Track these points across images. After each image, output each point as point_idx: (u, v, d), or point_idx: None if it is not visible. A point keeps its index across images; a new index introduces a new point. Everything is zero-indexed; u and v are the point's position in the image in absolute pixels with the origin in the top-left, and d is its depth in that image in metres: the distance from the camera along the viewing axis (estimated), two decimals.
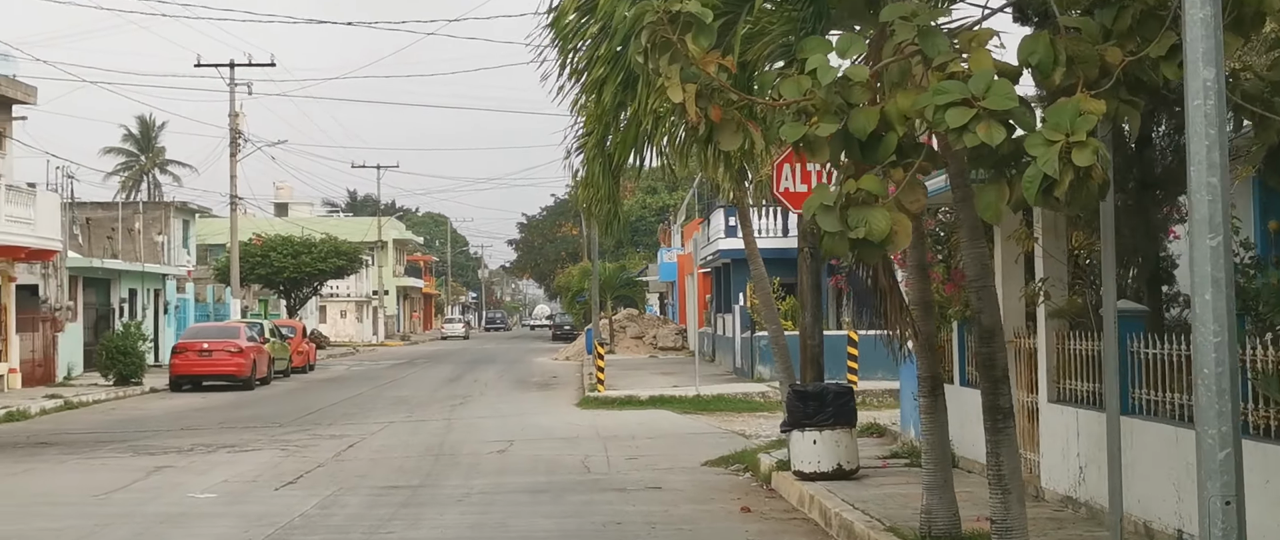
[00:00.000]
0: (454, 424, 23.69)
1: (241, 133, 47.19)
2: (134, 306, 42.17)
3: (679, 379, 33.30)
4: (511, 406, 27.68)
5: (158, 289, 44.70)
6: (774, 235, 33.85)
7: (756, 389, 28.31)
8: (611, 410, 26.20)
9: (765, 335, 30.03)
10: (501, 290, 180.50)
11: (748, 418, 24.84)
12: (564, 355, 51.79)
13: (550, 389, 33.73)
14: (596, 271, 42.47)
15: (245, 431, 22.44)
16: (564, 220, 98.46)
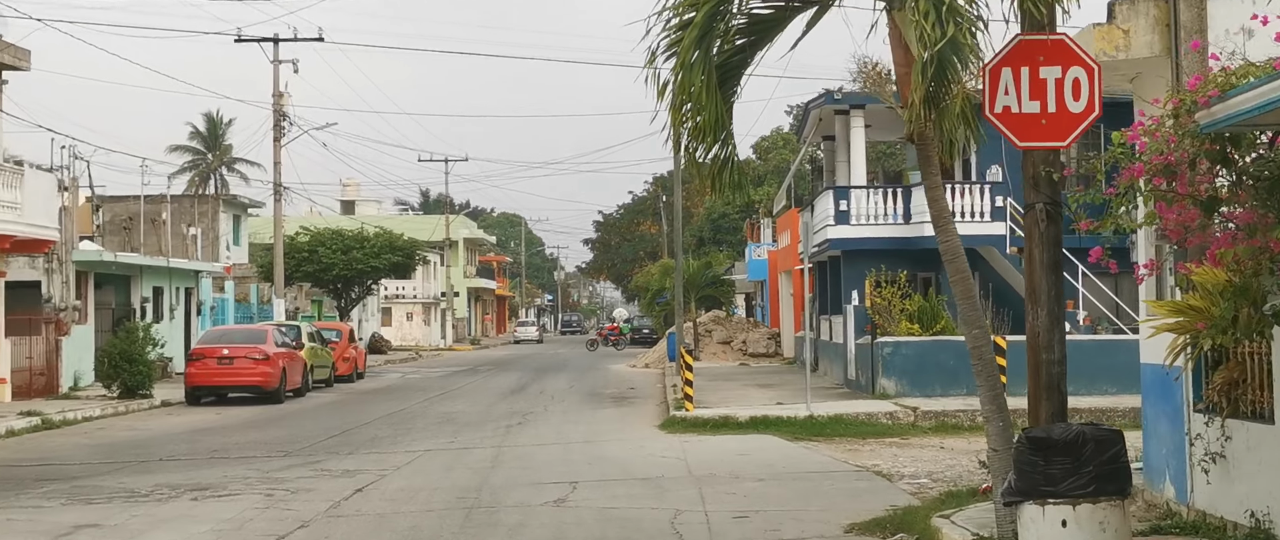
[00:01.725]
0: (504, 454, 18.58)
1: (286, 114, 42.56)
2: (159, 307, 37.58)
3: (780, 393, 27.98)
4: (580, 429, 22.53)
5: (189, 288, 40.10)
6: (890, 221, 28.46)
7: (881, 408, 22.92)
8: (703, 434, 20.96)
9: (891, 342, 24.64)
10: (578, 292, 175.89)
11: (876, 446, 19.54)
12: (643, 362, 46.62)
13: (627, 403, 28.53)
14: (681, 266, 37.19)
15: (236, 464, 17.47)
16: (643, 218, 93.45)
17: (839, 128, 31.54)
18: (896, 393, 24.70)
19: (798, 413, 22.21)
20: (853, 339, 27.38)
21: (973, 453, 18.68)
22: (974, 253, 28.23)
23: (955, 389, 24.78)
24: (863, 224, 28.40)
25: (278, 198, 43.04)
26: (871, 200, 28.43)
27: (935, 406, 22.86)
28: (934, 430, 21.67)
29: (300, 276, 48.62)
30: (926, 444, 20.03)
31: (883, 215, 28.50)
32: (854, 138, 29.21)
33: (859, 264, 28.68)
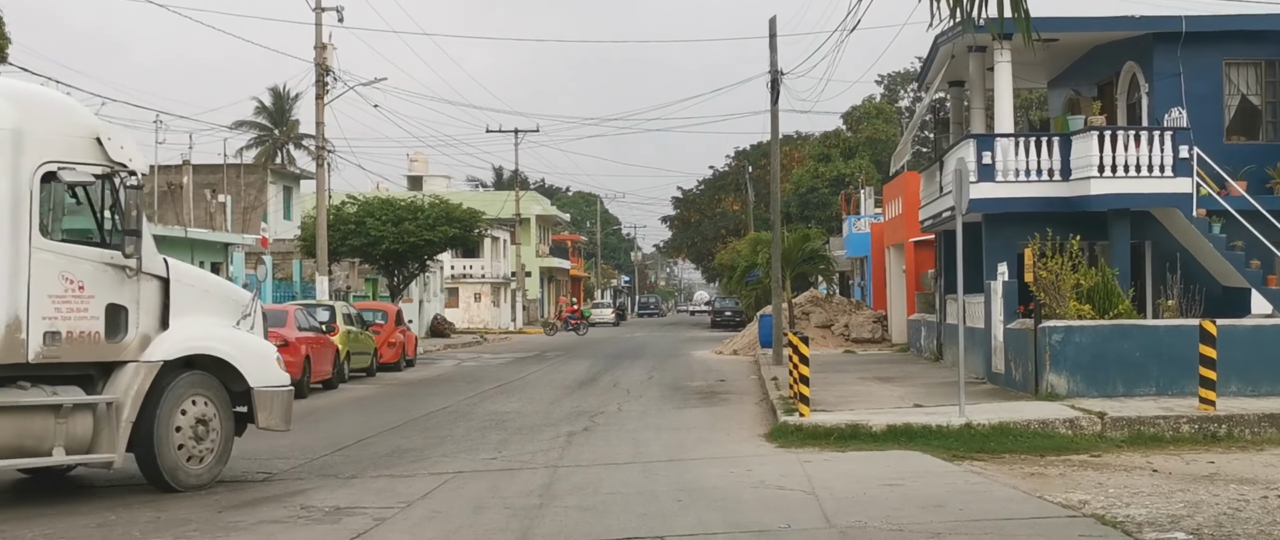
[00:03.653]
0: (560, 480, 13.50)
1: (330, 69, 37.80)
2: None
3: (908, 389, 22.68)
4: (662, 438, 17.38)
5: (217, 261, 35.45)
6: (1043, 177, 23.00)
7: (1054, 412, 17.57)
8: (828, 450, 15.74)
9: (1061, 327, 19.24)
10: (655, 274, 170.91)
11: (1065, 469, 14.31)
12: (731, 348, 41.41)
13: (718, 401, 23.35)
14: (778, 237, 31.97)
15: (166, 502, 12.56)
16: (724, 194, 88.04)
17: (973, 67, 26.09)
18: (1069, 392, 19.30)
19: (947, 420, 16.91)
20: (1001, 322, 21.98)
21: (1204, 479, 13.45)
22: (1148, 216, 22.71)
23: (1141, 387, 19.38)
24: (1011, 181, 22.95)
25: (320, 162, 38.32)
26: (1021, 152, 22.97)
27: (1124, 410, 17.51)
28: (1130, 444, 16.37)
29: (347, 251, 43.79)
30: (1130, 465, 14.73)
31: (1035, 170, 23.03)
32: (999, 75, 23.72)
33: (1006, 230, 23.26)
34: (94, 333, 12.22)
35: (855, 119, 76.98)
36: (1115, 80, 25.46)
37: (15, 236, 11.70)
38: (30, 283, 11.76)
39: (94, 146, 12.37)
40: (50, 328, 11.92)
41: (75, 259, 12.16)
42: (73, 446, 12.10)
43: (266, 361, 13.73)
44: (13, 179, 11.73)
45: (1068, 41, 25.12)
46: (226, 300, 13.92)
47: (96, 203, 12.64)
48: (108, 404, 12.29)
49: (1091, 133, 22.38)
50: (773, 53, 31.14)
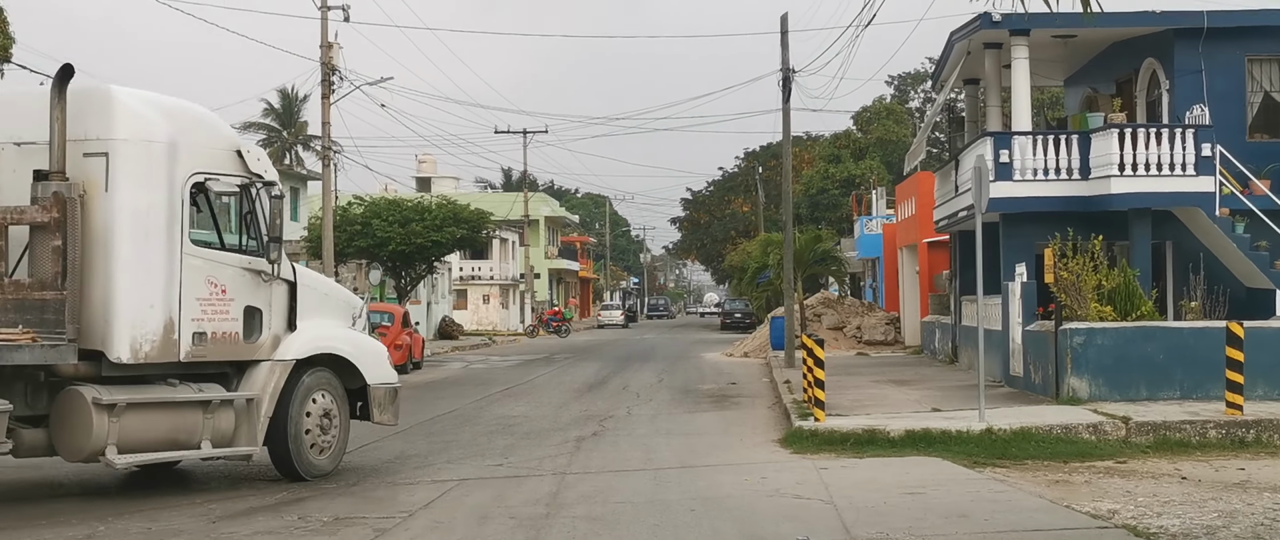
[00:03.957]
0: (569, 488, 13.02)
1: (336, 68, 37.35)
2: None
3: (924, 393, 22.18)
4: (674, 444, 16.91)
5: None
6: (1062, 176, 22.49)
7: (1076, 417, 17.07)
8: (845, 456, 15.25)
9: (1082, 329, 18.76)
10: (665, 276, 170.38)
11: (1091, 477, 13.85)
12: (742, 350, 40.91)
13: (730, 405, 22.86)
14: (790, 238, 31.48)
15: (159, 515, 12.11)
16: (734, 195, 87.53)
17: (989, 65, 25.58)
18: (1090, 395, 18.80)
19: (967, 425, 16.41)
20: (1020, 324, 21.47)
21: (1236, 487, 12.98)
22: (1169, 216, 22.18)
23: (1165, 391, 18.89)
24: (1028, 180, 22.41)
25: (326, 162, 37.89)
26: (1040, 150, 22.45)
27: (1148, 415, 17.01)
28: (1157, 450, 15.88)
29: (353, 252, 43.31)
30: (1158, 472, 14.26)
31: (1053, 169, 22.50)
32: (1016, 72, 23.19)
33: (1024, 230, 22.74)
34: (234, 333, 13.02)
35: (866, 120, 76.43)
36: (1134, 77, 24.93)
37: (170, 243, 12.48)
38: (181, 286, 12.55)
39: (235, 159, 13.17)
40: (197, 328, 12.68)
41: (219, 264, 12.98)
42: (217, 440, 12.84)
43: (381, 361, 14.67)
44: (168, 189, 12.48)
45: (1086, 38, 24.60)
46: (341, 303, 14.80)
47: (236, 211, 13.45)
48: (247, 400, 13.09)
49: (1111, 130, 21.87)
50: (784, 50, 30.66)
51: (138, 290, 12.27)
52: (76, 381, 12.15)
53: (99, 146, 12.29)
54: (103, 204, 12.22)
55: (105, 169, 12.23)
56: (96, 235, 12.21)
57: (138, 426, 12.20)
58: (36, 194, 12.12)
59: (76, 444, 12.05)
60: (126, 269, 12.23)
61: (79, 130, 12.27)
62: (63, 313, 11.88)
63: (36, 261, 12.15)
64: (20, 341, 11.67)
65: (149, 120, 12.52)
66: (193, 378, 12.86)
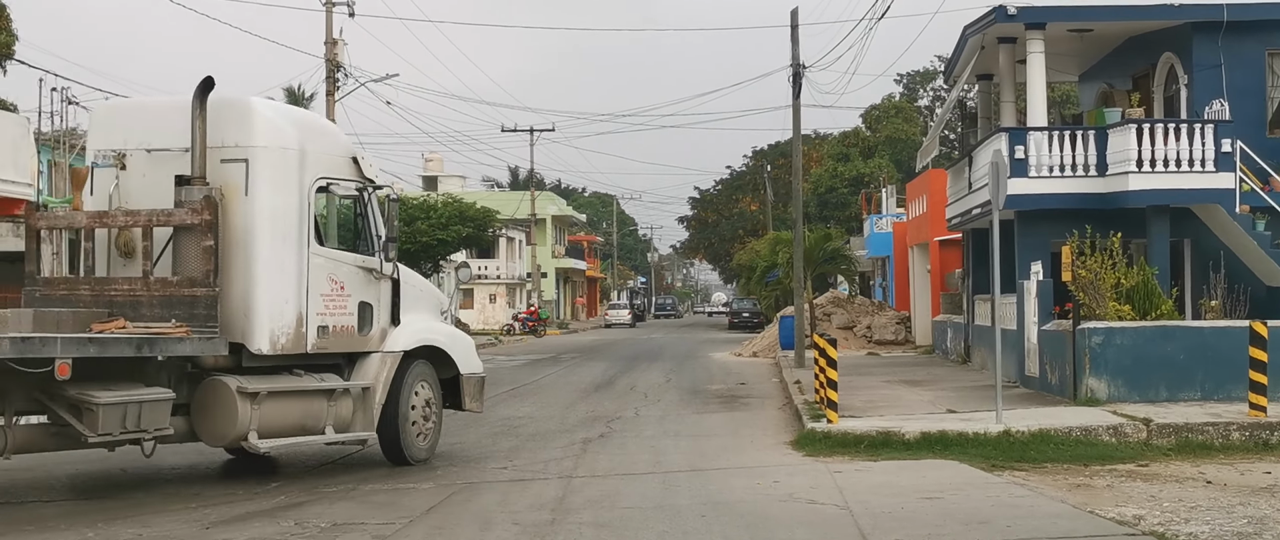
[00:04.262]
0: (575, 492, 12.62)
1: (340, 65, 37.02)
2: None
3: (938, 394, 21.75)
4: (682, 446, 16.49)
5: None
6: (1078, 173, 22.07)
7: (1096, 419, 16.64)
8: (859, 459, 14.85)
9: (1101, 329, 18.34)
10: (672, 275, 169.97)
11: (1112, 480, 13.48)
12: (751, 350, 40.49)
13: (739, 406, 22.45)
14: (800, 235, 31.05)
15: (151, 521, 11.72)
16: (742, 194, 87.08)
17: (1003, 60, 25.12)
18: (1109, 396, 18.37)
19: (984, 427, 16.00)
20: (1035, 324, 21.03)
21: (1264, 491, 12.61)
22: (1188, 213, 21.74)
23: (1186, 392, 18.47)
24: (1044, 176, 21.98)
25: None
26: (1056, 146, 22.00)
27: (1169, 417, 16.59)
28: (1179, 452, 15.47)
29: None
30: (1182, 475, 13.85)
31: (1070, 166, 22.06)
32: (1032, 67, 22.73)
33: (1040, 227, 22.31)
34: (350, 327, 13.95)
35: (874, 118, 75.97)
36: (1152, 72, 24.48)
37: (300, 243, 13.39)
38: (308, 283, 13.44)
39: (351, 165, 14.17)
40: (321, 322, 13.59)
41: (339, 263, 13.90)
42: (338, 426, 13.77)
43: (471, 352, 15.70)
44: (298, 193, 13.39)
45: (1102, 32, 24.16)
46: (433, 299, 15.72)
47: (352, 213, 14.34)
48: (363, 389, 14.01)
49: (1129, 126, 21.43)
50: (794, 45, 30.26)
51: (275, 287, 13.17)
52: (215, 372, 12.97)
53: (238, 153, 13.13)
54: (242, 207, 13.06)
55: (245, 174, 13.09)
56: (236, 236, 13.02)
57: (274, 413, 13.08)
58: (181, 197, 12.97)
59: (221, 430, 12.86)
60: (266, 267, 13.11)
61: (217, 138, 13.09)
62: (214, 308, 12.74)
63: (181, 260, 13.02)
64: (178, 335, 12.48)
65: (282, 129, 13.45)
66: (313, 368, 13.69)
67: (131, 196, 13.37)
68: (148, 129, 13.54)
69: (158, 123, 13.49)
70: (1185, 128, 21.28)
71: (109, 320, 12.78)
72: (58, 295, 13.35)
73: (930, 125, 72.96)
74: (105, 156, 13.62)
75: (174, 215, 12.94)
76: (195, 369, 13.03)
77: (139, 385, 12.32)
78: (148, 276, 13.00)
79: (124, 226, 13.24)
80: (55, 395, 11.85)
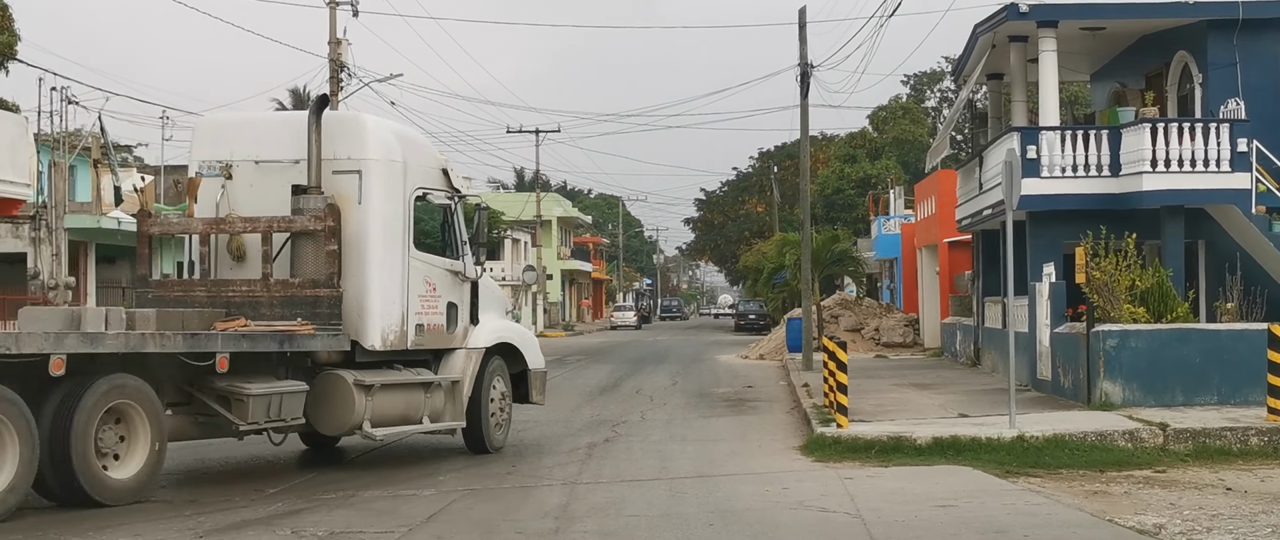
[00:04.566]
0: (579, 500, 12.30)
1: (344, 66, 36.72)
2: None
3: (948, 397, 21.44)
4: (689, 451, 16.17)
5: None
6: (1091, 173, 21.76)
7: (1111, 423, 16.31)
8: (870, 465, 14.52)
9: (1115, 331, 18.02)
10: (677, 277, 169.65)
11: (1130, 487, 13.19)
12: (757, 352, 40.17)
13: (747, 409, 22.14)
14: (808, 237, 30.74)
15: (143, 530, 11.41)
16: (748, 195, 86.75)
17: (1014, 59, 24.81)
18: (1124, 401, 18.03)
19: (997, 431, 15.67)
20: (1047, 326, 20.70)
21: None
22: (1202, 213, 21.41)
23: (1202, 396, 18.13)
24: (1057, 177, 21.66)
25: None
26: (1068, 146, 21.68)
27: (1185, 421, 16.25)
28: (1197, 458, 15.14)
29: None
30: (1200, 482, 13.53)
31: (1082, 166, 21.74)
32: (1044, 65, 22.41)
33: (1051, 229, 21.98)
34: (440, 326, 15.03)
35: (881, 119, 75.59)
36: (1165, 71, 24.13)
37: (404, 248, 14.46)
38: (409, 285, 14.51)
39: (442, 176, 15.34)
40: (418, 321, 14.69)
41: (432, 266, 14.94)
42: (432, 417, 14.80)
43: (536, 349, 16.93)
44: (402, 202, 14.46)
45: (1114, 30, 23.83)
46: (500, 300, 16.92)
47: (441, 221, 15.32)
48: (452, 382, 15.07)
49: (1143, 125, 21.10)
50: (802, 45, 29.93)
51: (385, 288, 14.27)
52: (330, 366, 13.99)
53: (351, 165, 14.19)
54: (356, 215, 14.09)
55: (358, 185, 14.15)
56: (350, 241, 14.06)
57: (384, 405, 14.11)
58: (301, 205, 14.00)
59: (340, 419, 13.90)
60: (378, 270, 14.20)
61: (330, 151, 14.14)
62: (337, 307, 13.88)
63: (300, 263, 14.11)
64: (307, 332, 13.49)
65: (390, 143, 14.48)
66: (408, 364, 14.78)
67: (238, 204, 14.27)
68: (255, 142, 14.57)
69: (265, 136, 14.63)
70: (1200, 127, 20.94)
71: (229, 319, 13.52)
72: (172, 296, 14.26)
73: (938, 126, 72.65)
74: (211, 167, 14.51)
75: (295, 221, 13.96)
76: (312, 364, 13.97)
77: (272, 378, 13.35)
78: (267, 278, 13.98)
79: (242, 232, 14.15)
80: (205, 387, 12.87)
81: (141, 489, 12.03)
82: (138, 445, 12.07)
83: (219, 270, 14.36)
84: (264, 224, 14.01)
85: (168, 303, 13.94)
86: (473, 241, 15.70)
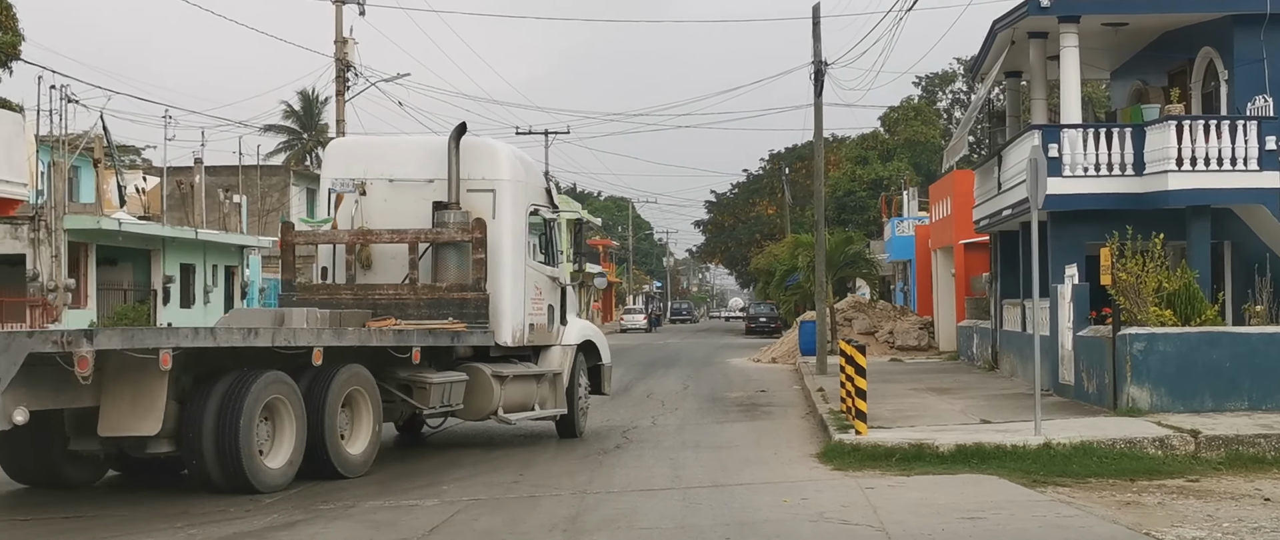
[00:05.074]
0: (589, 510, 11.76)
1: (351, 65, 36.23)
2: (189, 288, 31.40)
3: (968, 401, 20.89)
4: (702, 459, 15.61)
5: (231, 266, 33.88)
6: (1114, 172, 21.21)
7: (1140, 430, 15.74)
8: (891, 473, 13.97)
9: (1143, 335, 17.45)
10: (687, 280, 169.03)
11: (1162, 497, 12.66)
12: (769, 356, 39.60)
13: (761, 415, 21.59)
14: (821, 238, 30.20)
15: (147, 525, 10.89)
16: (758, 197, 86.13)
17: (1034, 55, 24.24)
18: (1152, 406, 17.45)
19: (1022, 439, 15.10)
20: (1070, 329, 20.13)
21: None
22: (1229, 213, 20.84)
23: (1232, 402, 17.54)
24: (1079, 176, 21.11)
25: None
26: (1090, 144, 21.11)
27: (1217, 428, 15.68)
28: (1230, 466, 14.57)
29: None
30: (1236, 492, 12.97)
31: (1105, 165, 21.17)
32: (1066, 61, 21.84)
33: (1073, 229, 21.42)
34: (544, 325, 17.03)
35: (893, 121, 74.98)
36: (1189, 68, 23.53)
37: (524, 257, 16.50)
38: (525, 289, 16.48)
39: (546, 194, 17.53)
40: (531, 321, 16.65)
41: (539, 273, 16.97)
42: (541, 405, 16.78)
43: (606, 346, 18.87)
44: (523, 217, 16.54)
45: (1138, 26, 23.24)
46: (575, 303, 18.85)
47: (542, 234, 17.19)
48: (555, 374, 17.06)
49: (1168, 123, 20.53)
50: (816, 42, 29.38)
51: (514, 292, 16.22)
52: (467, 361, 15.80)
53: (485, 185, 16.14)
54: (491, 228, 15.94)
55: (492, 202, 16.07)
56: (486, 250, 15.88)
57: (512, 394, 16.13)
58: (443, 219, 15.83)
59: (480, 406, 15.86)
60: (509, 276, 16.13)
61: (465, 172, 16.04)
62: (484, 308, 15.83)
63: (442, 269, 15.95)
64: (462, 329, 15.40)
65: (516, 166, 16.63)
66: (521, 358, 16.65)
67: (370, 218, 16.04)
68: (389, 163, 16.41)
69: (399, 158, 16.53)
70: (1227, 124, 20.37)
71: (378, 319, 15.18)
72: (317, 299, 15.68)
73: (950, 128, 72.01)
74: (344, 184, 16.27)
75: (441, 232, 15.76)
76: (453, 358, 15.65)
77: (431, 370, 14.99)
78: (414, 283, 15.77)
79: (389, 242, 15.87)
80: (391, 376, 14.57)
81: (367, 464, 13.80)
82: (363, 425, 13.87)
83: (338, 276, 16.12)
84: (412, 235, 15.74)
85: (313, 305, 15.24)
86: (574, 252, 18.68)
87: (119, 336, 11.04)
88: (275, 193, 48.91)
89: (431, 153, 16.23)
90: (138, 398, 11.48)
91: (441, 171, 16.04)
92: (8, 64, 33.18)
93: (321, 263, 16.49)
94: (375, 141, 18.15)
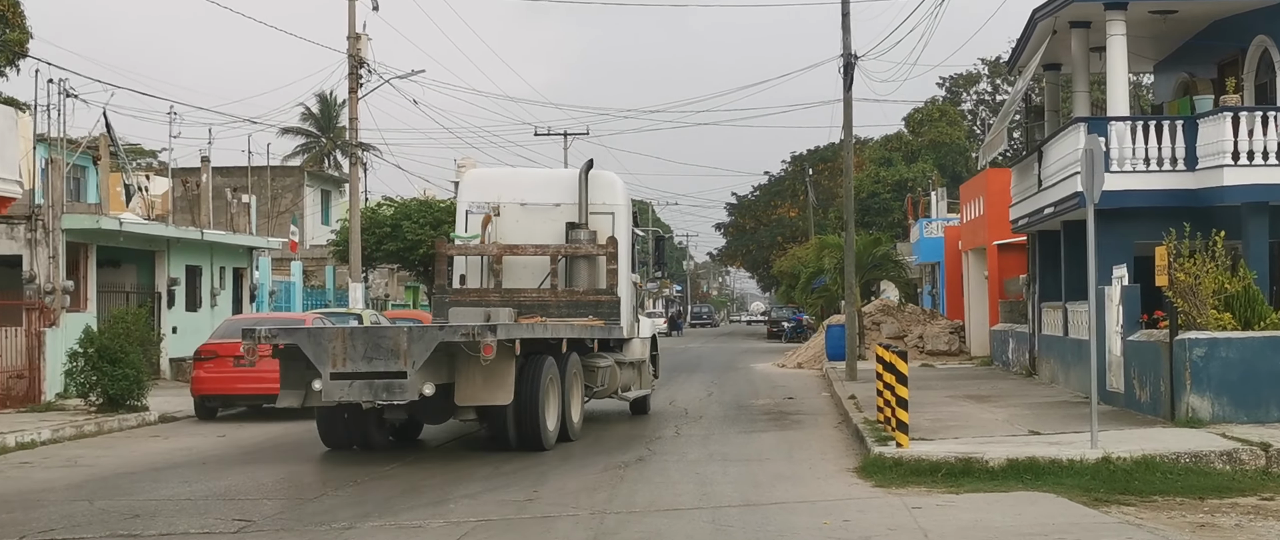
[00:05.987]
0: (608, 537, 10.62)
1: (364, 61, 35.22)
2: (195, 291, 30.37)
3: (1009, 410, 19.69)
4: (732, 474, 14.45)
5: (239, 268, 32.87)
6: (1165, 167, 20.03)
7: (1204, 443, 14.53)
8: (937, 490, 12.81)
9: (1203, 340, 16.24)
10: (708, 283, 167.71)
11: (1238, 517, 11.57)
12: (795, 361, 38.41)
13: (791, 424, 20.40)
14: (851, 239, 29.00)
15: None
16: (780, 200, 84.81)
17: (1076, 46, 23.06)
18: (1213, 416, 16.25)
19: (1079, 453, 13.91)
20: (1119, 334, 18.92)
21: None
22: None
23: None
24: (1126, 171, 19.92)
25: (354, 161, 35.77)
26: (1139, 138, 19.91)
27: None
28: None
29: (382, 256, 40.98)
30: None
31: (1155, 160, 19.98)
32: (1112, 50, 20.64)
33: (1120, 228, 20.22)
34: (632, 321, 20.12)
35: (917, 122, 73.74)
36: (1241, 58, 22.30)
37: (631, 266, 20.16)
38: (632, 294, 20.11)
39: (632, 212, 20.64)
40: (628, 319, 19.74)
41: (632, 279, 20.29)
42: (631, 387, 20.26)
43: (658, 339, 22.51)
44: (630, 233, 20.06)
45: (1186, 14, 22.03)
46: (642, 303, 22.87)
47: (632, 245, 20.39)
48: (640, 362, 20.66)
49: (1224, 114, 19.34)
50: (845, 33, 28.20)
51: (627, 295, 19.60)
52: (593, 351, 18.62)
53: (606, 208, 19.48)
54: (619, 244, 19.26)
55: (611, 223, 19.43)
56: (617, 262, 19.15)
57: (623, 378, 19.58)
58: (576, 236, 19.07)
59: (611, 387, 19.11)
60: (625, 282, 19.41)
61: (588, 198, 19.27)
62: (617, 309, 19.05)
63: (575, 277, 19.04)
64: (602, 325, 18.51)
65: (624, 191, 20.01)
66: (618, 349, 19.82)
67: (503, 235, 19.12)
68: (520, 189, 19.65)
69: (529, 186, 19.83)
70: (1275, 115, 19.15)
71: (526, 317, 17.71)
72: (468, 301, 18.34)
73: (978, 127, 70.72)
74: (480, 207, 19.33)
75: (579, 247, 18.98)
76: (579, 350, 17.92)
77: (598, 357, 18.54)
78: (555, 288, 18.87)
79: (533, 254, 18.88)
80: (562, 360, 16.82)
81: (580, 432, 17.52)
82: (576, 400, 17.39)
83: (475, 282, 19.05)
84: (553, 249, 18.87)
85: (465, 306, 17.86)
86: (655, 263, 26.92)
87: (504, 329, 14.80)
88: (289, 194, 47.94)
89: (553, 181, 19.87)
90: (490, 375, 14.82)
91: (565, 197, 19.30)
92: (15, 62, 32.24)
93: (459, 271, 19.16)
94: (506, 172, 21.84)
